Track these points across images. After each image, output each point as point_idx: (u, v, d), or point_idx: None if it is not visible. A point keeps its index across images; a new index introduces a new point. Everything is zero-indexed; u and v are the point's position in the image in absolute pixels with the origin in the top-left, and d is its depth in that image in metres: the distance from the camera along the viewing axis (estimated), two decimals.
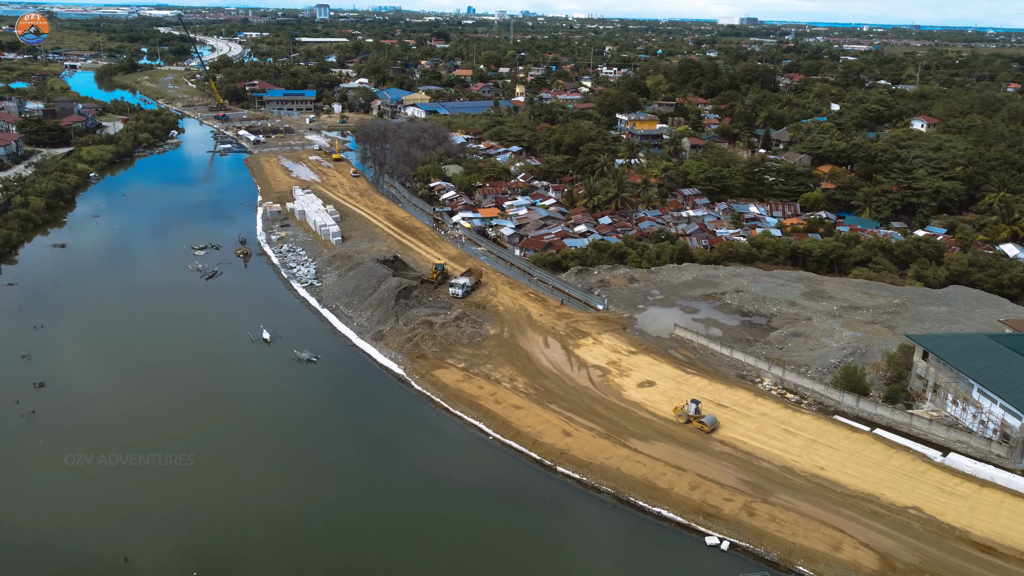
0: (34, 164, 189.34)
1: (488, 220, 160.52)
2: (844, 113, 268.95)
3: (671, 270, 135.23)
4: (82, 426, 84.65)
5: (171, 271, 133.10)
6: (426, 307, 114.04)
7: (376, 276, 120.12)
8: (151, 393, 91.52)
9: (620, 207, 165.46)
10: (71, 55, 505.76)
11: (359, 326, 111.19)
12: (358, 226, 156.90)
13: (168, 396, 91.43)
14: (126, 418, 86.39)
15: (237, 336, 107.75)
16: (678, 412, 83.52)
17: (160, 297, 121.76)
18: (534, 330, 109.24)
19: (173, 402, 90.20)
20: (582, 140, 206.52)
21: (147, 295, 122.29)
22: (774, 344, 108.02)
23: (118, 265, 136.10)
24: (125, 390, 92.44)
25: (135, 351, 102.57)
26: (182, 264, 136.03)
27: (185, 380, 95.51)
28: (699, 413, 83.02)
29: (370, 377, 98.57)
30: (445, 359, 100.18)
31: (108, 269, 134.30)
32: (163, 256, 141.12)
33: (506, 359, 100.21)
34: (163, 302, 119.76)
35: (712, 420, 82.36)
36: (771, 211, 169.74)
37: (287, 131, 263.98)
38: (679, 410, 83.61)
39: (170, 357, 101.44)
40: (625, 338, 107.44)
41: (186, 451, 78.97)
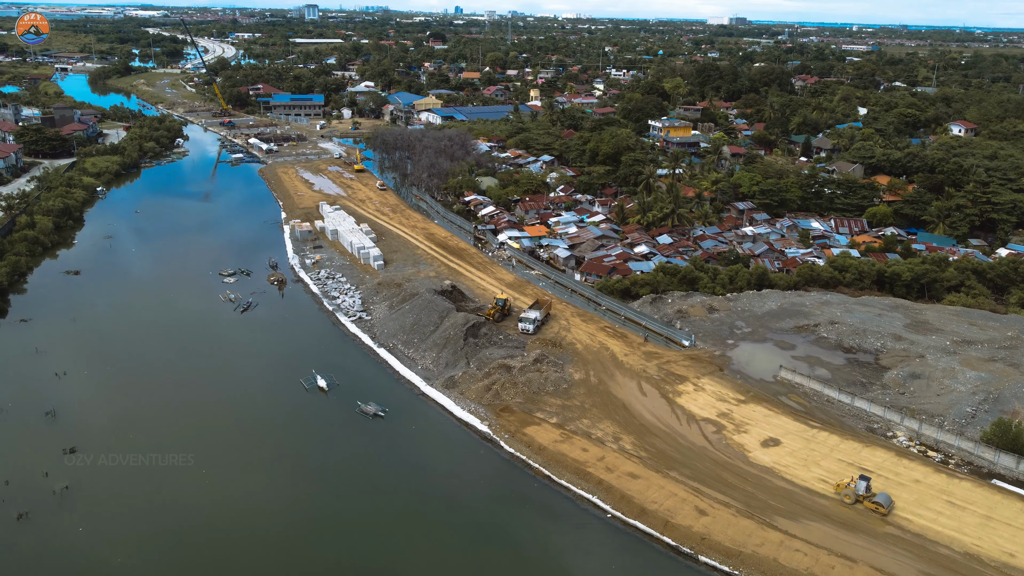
0: (36, 178, 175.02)
1: (537, 239, 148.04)
2: (880, 118, 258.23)
3: (751, 297, 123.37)
4: (126, 504, 71.63)
5: (200, 302, 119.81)
6: (498, 347, 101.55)
7: (437, 310, 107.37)
8: (206, 458, 78.53)
9: (677, 224, 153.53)
10: (61, 57, 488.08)
11: (425, 370, 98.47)
12: (397, 247, 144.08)
13: (228, 461, 78.67)
14: (178, 494, 73.38)
15: (289, 383, 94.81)
16: (841, 491, 71.07)
17: (192, 334, 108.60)
18: (623, 374, 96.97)
19: (234, 468, 77.44)
20: (620, 149, 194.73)
21: (178, 332, 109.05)
22: (893, 388, 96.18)
23: (141, 295, 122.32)
24: (171, 456, 79.32)
25: (176, 404, 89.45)
26: (211, 293, 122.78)
27: (243, 442, 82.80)
28: (870, 491, 70.68)
29: (449, 435, 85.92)
30: (533, 412, 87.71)
31: (130, 301, 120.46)
32: (189, 284, 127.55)
33: (602, 412, 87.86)
34: (197, 341, 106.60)
35: (887, 500, 70.01)
36: (836, 227, 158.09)
37: (299, 139, 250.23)
38: (842, 488, 71.20)
39: (219, 411, 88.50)
40: (727, 383, 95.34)
41: (263, 537, 66.33)
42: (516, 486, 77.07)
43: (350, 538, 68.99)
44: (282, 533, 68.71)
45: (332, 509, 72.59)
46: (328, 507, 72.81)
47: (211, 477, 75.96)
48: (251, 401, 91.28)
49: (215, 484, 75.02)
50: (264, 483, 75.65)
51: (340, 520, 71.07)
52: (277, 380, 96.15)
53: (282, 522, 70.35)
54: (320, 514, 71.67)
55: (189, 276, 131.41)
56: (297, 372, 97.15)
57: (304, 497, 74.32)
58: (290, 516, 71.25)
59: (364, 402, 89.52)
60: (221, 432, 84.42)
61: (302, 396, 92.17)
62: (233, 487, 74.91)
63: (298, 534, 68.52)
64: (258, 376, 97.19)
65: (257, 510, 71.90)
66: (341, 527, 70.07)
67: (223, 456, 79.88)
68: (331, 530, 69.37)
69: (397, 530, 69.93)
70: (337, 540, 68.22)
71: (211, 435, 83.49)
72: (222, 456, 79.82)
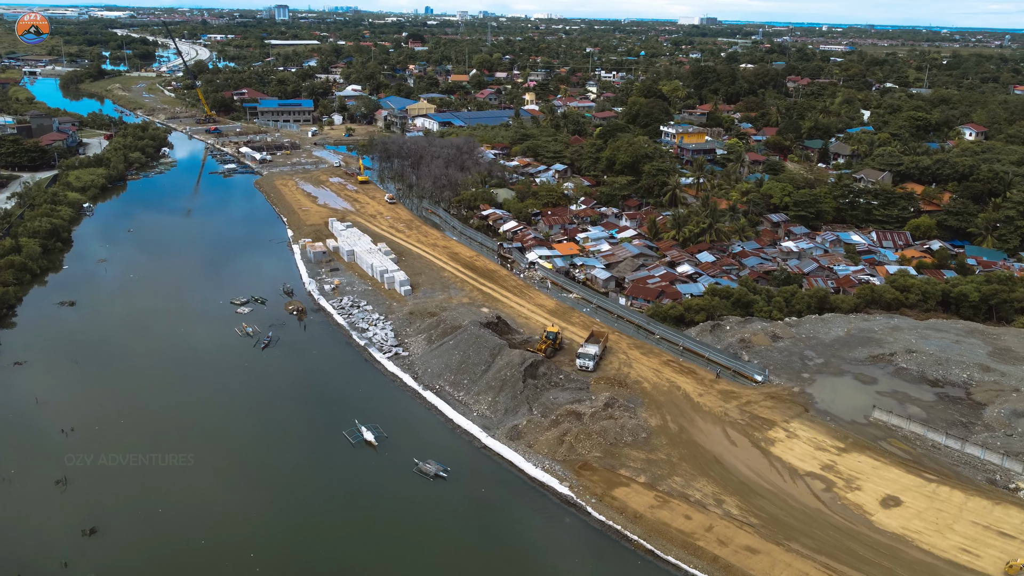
0: (17, 194, 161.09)
1: (569, 258, 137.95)
2: (889, 122, 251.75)
3: (814, 323, 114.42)
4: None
5: (215, 338, 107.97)
6: (560, 389, 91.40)
7: (487, 347, 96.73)
8: (252, 539, 67.45)
9: (715, 239, 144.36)
10: (28, 60, 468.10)
11: (482, 417, 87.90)
12: (421, 269, 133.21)
13: (284, 541, 67.53)
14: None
15: (332, 435, 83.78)
16: (1016, 573, 61.76)
17: (212, 378, 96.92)
18: (703, 418, 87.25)
19: (295, 551, 66.32)
20: (638, 158, 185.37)
21: (194, 375, 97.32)
22: (997, 428, 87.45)
23: (147, 330, 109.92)
24: (219, 538, 68.19)
25: (209, 468, 77.98)
26: (226, 327, 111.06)
27: (293, 513, 71.69)
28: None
29: (525, 498, 75.45)
30: (617, 469, 77.60)
31: (135, 337, 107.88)
32: (199, 316, 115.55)
33: (694, 467, 78.02)
34: (218, 386, 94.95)
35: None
36: (880, 241, 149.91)
37: (293, 147, 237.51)
38: (1017, 569, 61.87)
39: (263, 476, 77.24)
40: (819, 427, 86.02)
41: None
42: (615, 563, 66.96)
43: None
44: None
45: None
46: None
47: (263, 564, 64.92)
48: (295, 462, 79.96)
49: (270, 571, 64.02)
50: (331, 562, 64.75)
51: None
52: (318, 432, 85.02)
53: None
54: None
55: (198, 306, 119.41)
56: (337, 421, 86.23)
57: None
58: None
59: (422, 460, 78.82)
60: (267, 502, 73.29)
61: (349, 452, 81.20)
62: (295, 571, 64.01)
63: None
64: (295, 428, 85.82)
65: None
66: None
67: (278, 535, 68.72)
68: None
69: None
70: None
71: (257, 507, 72.42)
72: (278, 535, 68.65)
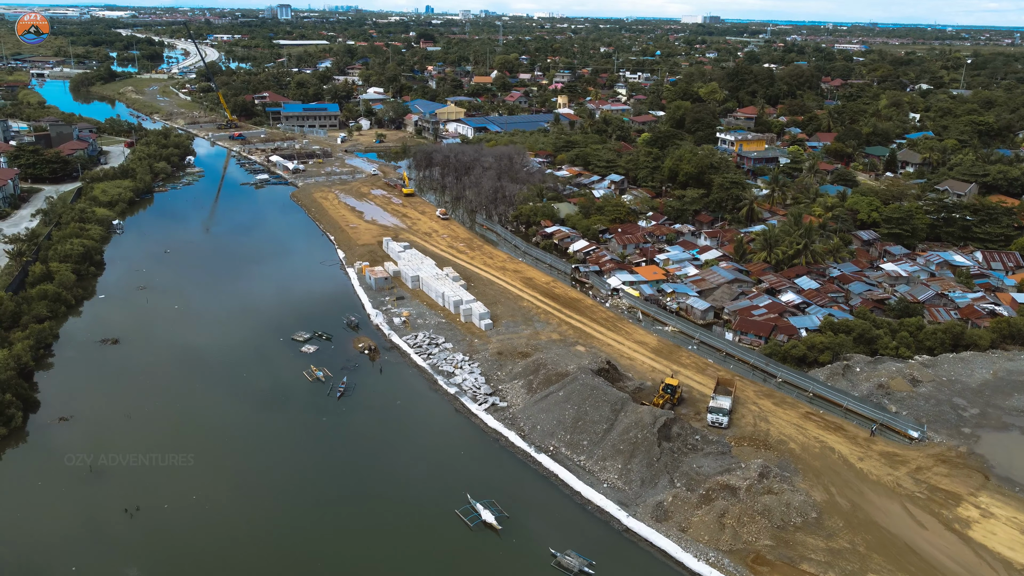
0: (42, 211, 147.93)
1: (655, 284, 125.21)
2: (949, 127, 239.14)
3: (952, 363, 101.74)
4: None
5: (283, 385, 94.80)
6: (700, 453, 78.60)
7: (606, 401, 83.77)
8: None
9: (811, 262, 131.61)
10: (35, 61, 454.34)
11: (614, 489, 75.00)
12: (495, 297, 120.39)
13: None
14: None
15: (443, 513, 70.91)
16: None
17: (288, 438, 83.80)
18: (873, 490, 74.43)
19: None
20: (703, 168, 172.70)
21: (268, 435, 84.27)
22: None
23: (205, 376, 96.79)
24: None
25: (302, 558, 65.10)
26: (291, 370, 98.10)
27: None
28: None
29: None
30: (798, 563, 64.74)
31: (193, 385, 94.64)
32: (260, 357, 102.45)
33: (887, 559, 65.16)
34: (296, 448, 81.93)
35: None
36: (988, 262, 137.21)
37: (324, 155, 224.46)
38: None
39: (376, 573, 64.38)
40: (1014, 501, 73.19)
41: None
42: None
43: None
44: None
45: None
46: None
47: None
48: (413, 554, 66.83)
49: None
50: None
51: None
52: (428, 510, 72.06)
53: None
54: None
55: (255, 342, 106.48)
56: (444, 495, 73.43)
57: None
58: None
59: (559, 551, 65.95)
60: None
61: (469, 538, 68.31)
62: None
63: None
64: (402, 506, 72.82)
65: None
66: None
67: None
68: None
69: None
70: None
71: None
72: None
